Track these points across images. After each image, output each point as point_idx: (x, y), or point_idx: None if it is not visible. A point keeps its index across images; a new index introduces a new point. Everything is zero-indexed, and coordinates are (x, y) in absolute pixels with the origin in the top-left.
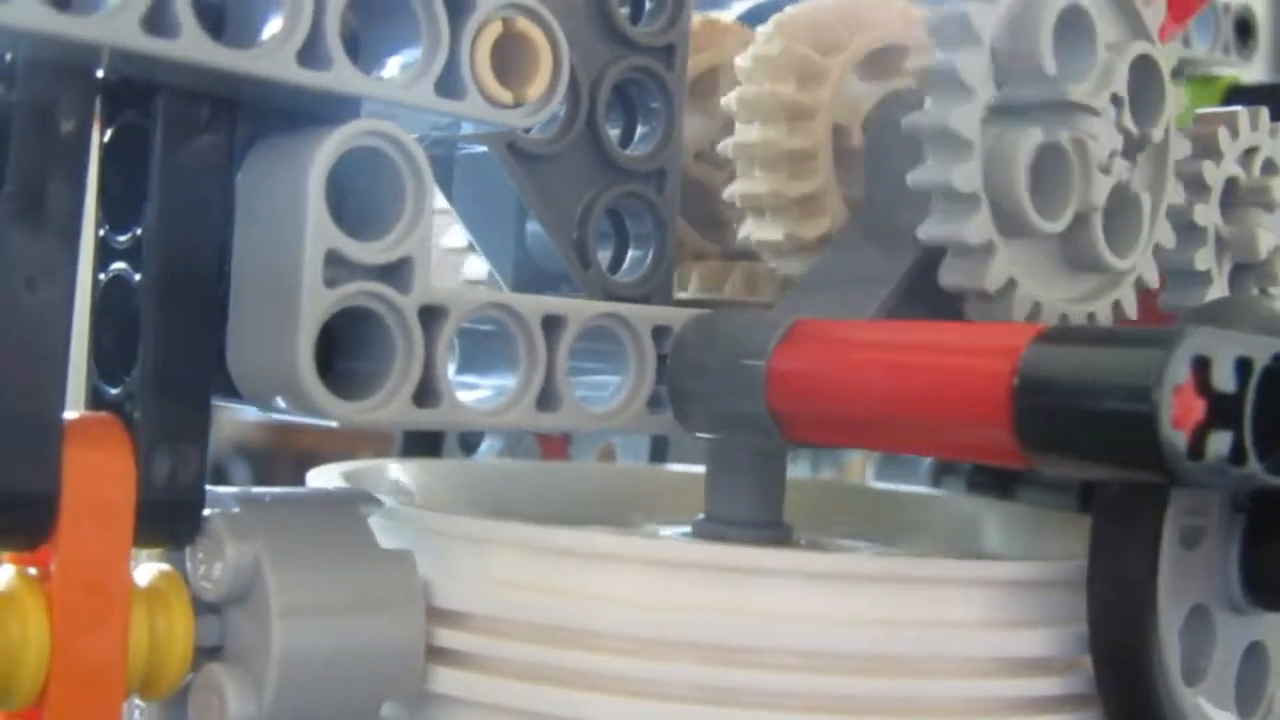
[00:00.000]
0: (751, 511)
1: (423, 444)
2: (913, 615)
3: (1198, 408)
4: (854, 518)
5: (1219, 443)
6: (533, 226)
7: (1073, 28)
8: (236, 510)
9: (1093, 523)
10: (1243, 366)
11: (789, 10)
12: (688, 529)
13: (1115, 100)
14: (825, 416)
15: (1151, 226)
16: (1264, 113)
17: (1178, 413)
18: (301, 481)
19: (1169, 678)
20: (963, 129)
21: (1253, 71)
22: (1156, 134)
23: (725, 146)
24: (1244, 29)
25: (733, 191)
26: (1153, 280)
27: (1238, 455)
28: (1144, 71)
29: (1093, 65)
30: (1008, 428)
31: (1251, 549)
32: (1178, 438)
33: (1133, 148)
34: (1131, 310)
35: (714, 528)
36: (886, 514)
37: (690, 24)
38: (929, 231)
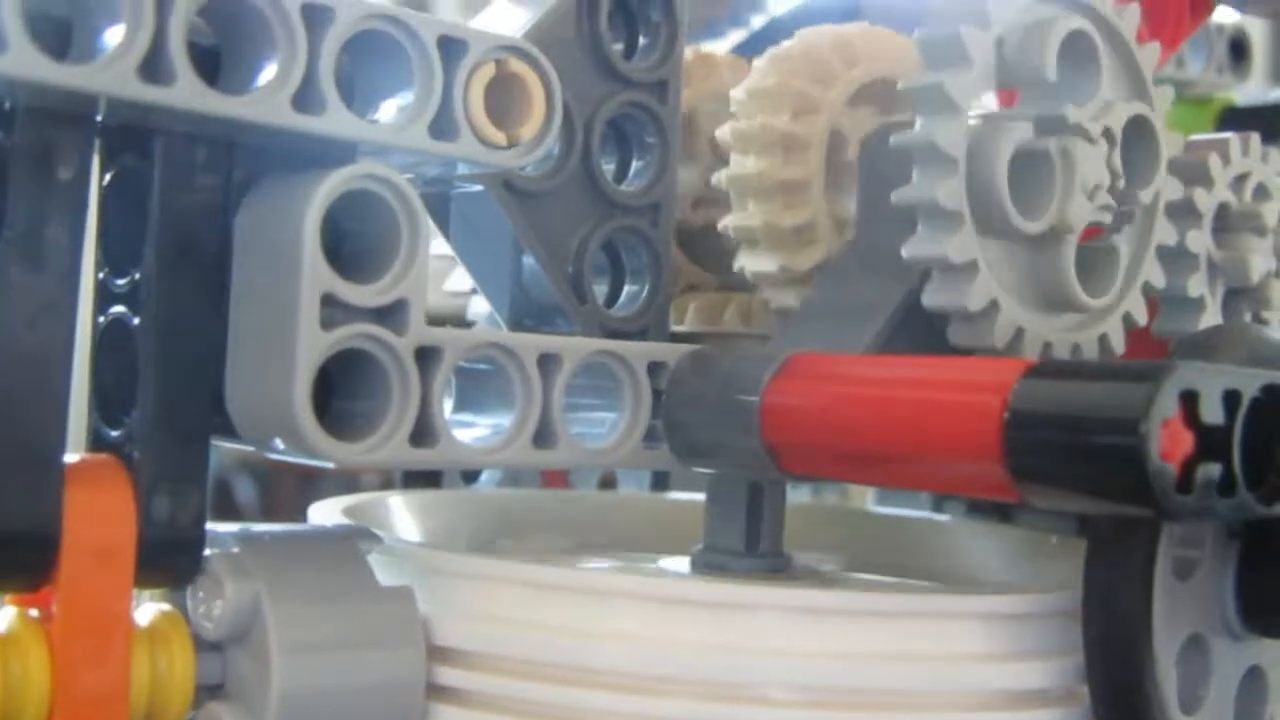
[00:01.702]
0: (750, 542)
1: (424, 472)
2: (911, 649)
3: (1186, 441)
4: (854, 543)
5: (1208, 474)
6: (529, 262)
7: (1076, 54)
8: (236, 549)
9: (1086, 556)
10: (1231, 398)
11: (784, 45)
12: (687, 559)
13: (1108, 136)
14: (819, 451)
15: (1137, 268)
16: (1255, 138)
17: (1166, 446)
18: (305, 497)
19: (1166, 709)
20: (949, 146)
21: (1249, 90)
22: (1146, 196)
23: (719, 178)
24: (1238, 49)
25: (727, 223)
26: (1140, 319)
27: (1227, 486)
28: (1140, 132)
29: (1094, 93)
30: (999, 462)
31: (1247, 575)
32: (1166, 470)
33: (1120, 203)
34: (1119, 345)
35: (713, 559)
36: (888, 539)
37: (684, 59)
38: (913, 250)
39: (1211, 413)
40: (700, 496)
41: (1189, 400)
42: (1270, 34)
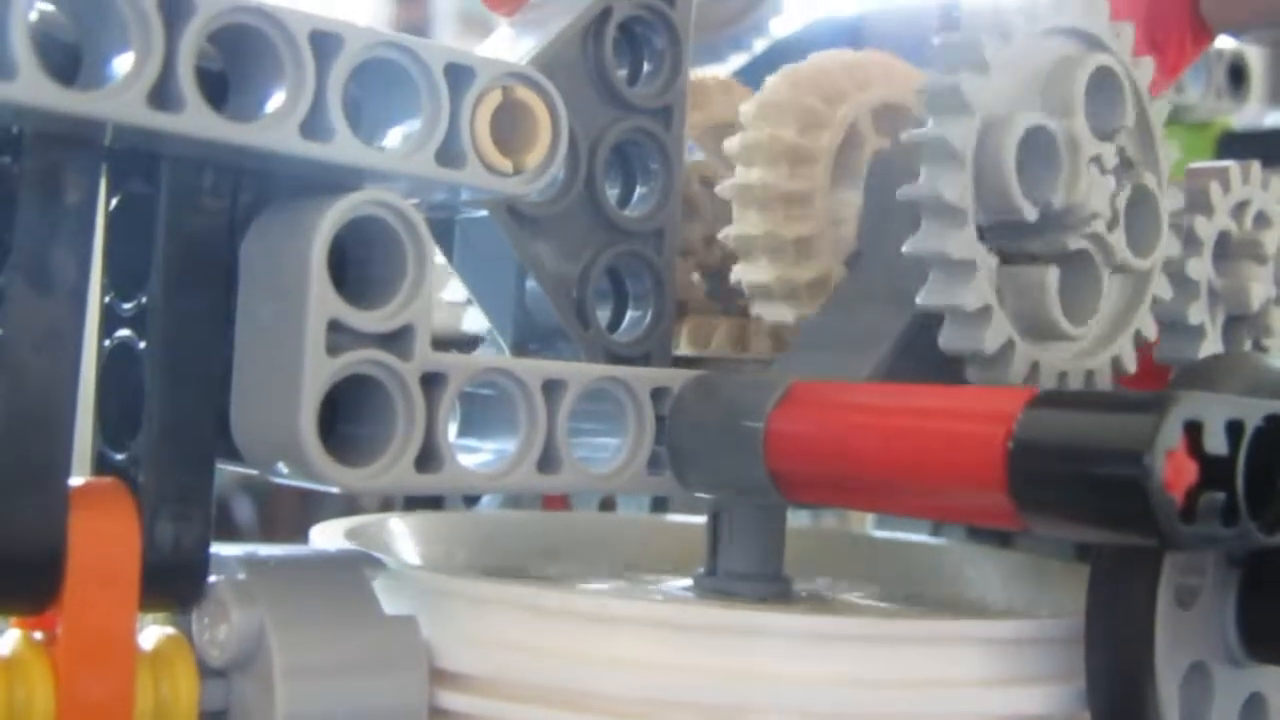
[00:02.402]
0: (752, 566)
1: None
2: (913, 674)
3: (1190, 471)
4: (855, 567)
5: (1211, 504)
6: (533, 285)
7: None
8: (241, 574)
9: (1089, 584)
10: (1234, 429)
11: (769, 88)
12: (688, 582)
13: (1095, 160)
14: (822, 478)
15: (1144, 285)
16: (1255, 166)
17: (1170, 476)
18: (304, 517)
19: None
20: (955, 198)
21: (1248, 114)
22: (1129, 120)
23: (724, 189)
24: (1237, 74)
25: (728, 233)
26: (1150, 333)
27: (1230, 515)
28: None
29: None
30: (1003, 491)
31: (1248, 603)
32: (1170, 501)
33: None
34: (1130, 364)
35: (715, 583)
36: (888, 563)
37: (688, 85)
38: (927, 298)
39: (1215, 443)
40: (700, 519)
41: (1193, 430)
42: (1268, 59)
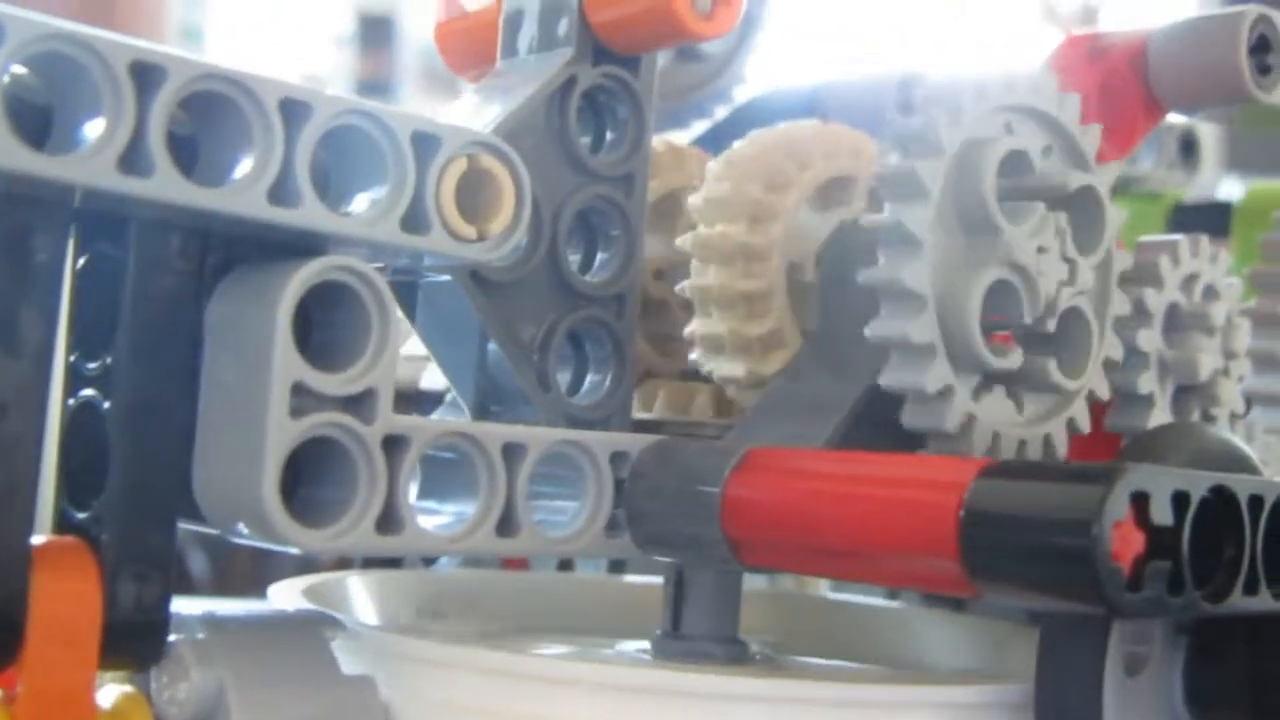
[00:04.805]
0: (709, 629)
1: None
2: None
3: (1137, 541)
4: (809, 629)
5: (1158, 573)
6: (494, 348)
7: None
8: (201, 634)
9: (1038, 652)
10: (1180, 500)
11: (737, 148)
12: (645, 644)
13: (1058, 233)
14: (777, 543)
15: (1100, 341)
16: (1204, 240)
17: (1117, 547)
18: (259, 572)
19: None
20: (915, 284)
21: (1200, 186)
22: (1098, 257)
23: (683, 289)
24: (1189, 147)
25: (692, 331)
26: (1104, 393)
27: (1176, 585)
28: (1084, 201)
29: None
30: (954, 559)
31: (1195, 670)
32: (1117, 570)
33: (1076, 274)
34: (1085, 425)
35: (672, 645)
36: (841, 625)
37: (650, 153)
38: (889, 380)
39: (1161, 513)
40: (657, 580)
41: (1140, 501)
42: (1220, 132)
